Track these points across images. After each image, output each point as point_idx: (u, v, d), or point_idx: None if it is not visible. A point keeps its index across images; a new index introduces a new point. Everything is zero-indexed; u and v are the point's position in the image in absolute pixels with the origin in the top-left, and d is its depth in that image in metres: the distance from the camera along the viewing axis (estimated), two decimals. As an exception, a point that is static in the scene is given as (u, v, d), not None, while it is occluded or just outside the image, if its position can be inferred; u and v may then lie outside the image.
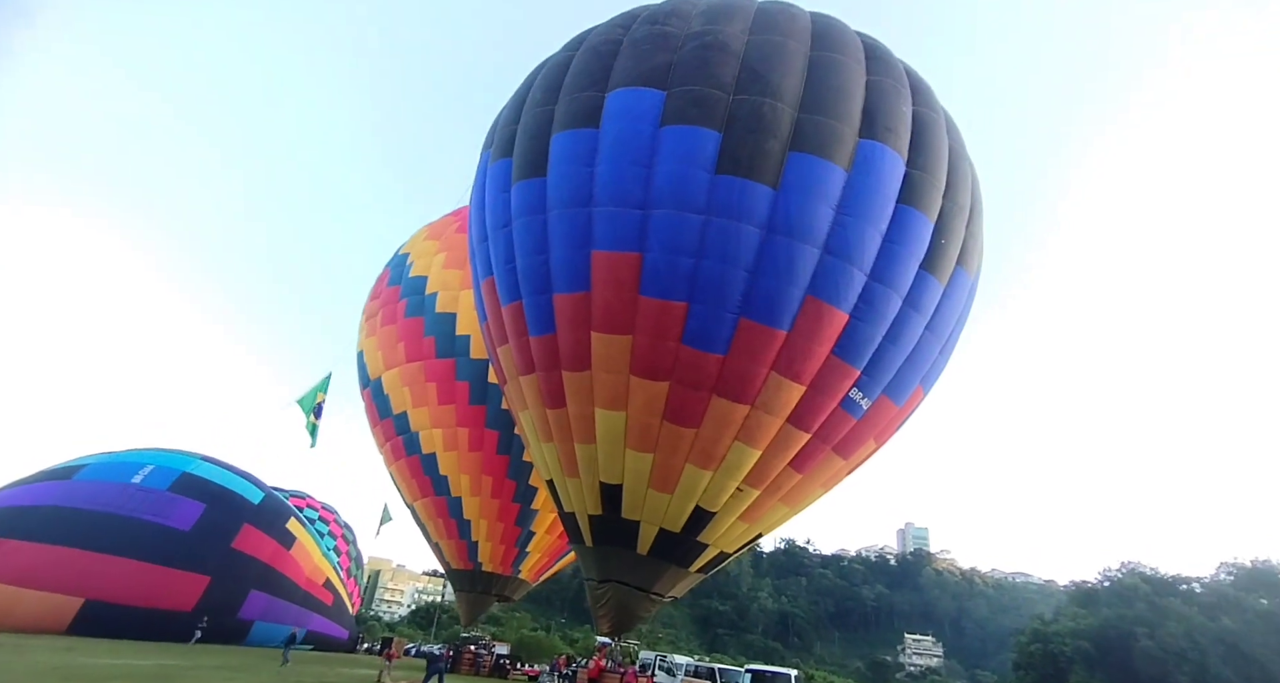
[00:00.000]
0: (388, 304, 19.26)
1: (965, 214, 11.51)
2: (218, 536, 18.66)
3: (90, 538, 17.04)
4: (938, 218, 10.86)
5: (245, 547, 19.66)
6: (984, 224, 12.74)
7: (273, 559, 19.90)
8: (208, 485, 19.89)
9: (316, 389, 14.13)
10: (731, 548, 11.95)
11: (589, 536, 11.62)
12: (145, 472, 20.14)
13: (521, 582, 19.25)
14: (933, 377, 12.02)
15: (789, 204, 9.90)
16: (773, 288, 9.89)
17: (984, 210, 12.78)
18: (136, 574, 17.11)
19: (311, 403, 14.02)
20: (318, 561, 22.13)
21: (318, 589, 21.51)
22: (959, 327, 12.06)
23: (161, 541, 17.98)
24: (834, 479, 12.01)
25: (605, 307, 10.27)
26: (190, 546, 18.00)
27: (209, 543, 18.24)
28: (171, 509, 18.90)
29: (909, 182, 10.58)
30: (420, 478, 18.06)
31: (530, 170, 10.90)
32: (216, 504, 19.25)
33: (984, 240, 12.82)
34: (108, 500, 18.68)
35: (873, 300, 10.24)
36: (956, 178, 11.35)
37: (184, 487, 19.72)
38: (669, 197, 9.94)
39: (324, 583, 22.09)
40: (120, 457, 20.94)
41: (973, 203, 11.86)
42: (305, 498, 35.87)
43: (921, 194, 10.65)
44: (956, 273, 11.33)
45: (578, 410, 10.92)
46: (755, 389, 10.10)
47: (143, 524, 18.19)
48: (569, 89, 10.92)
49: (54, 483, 19.11)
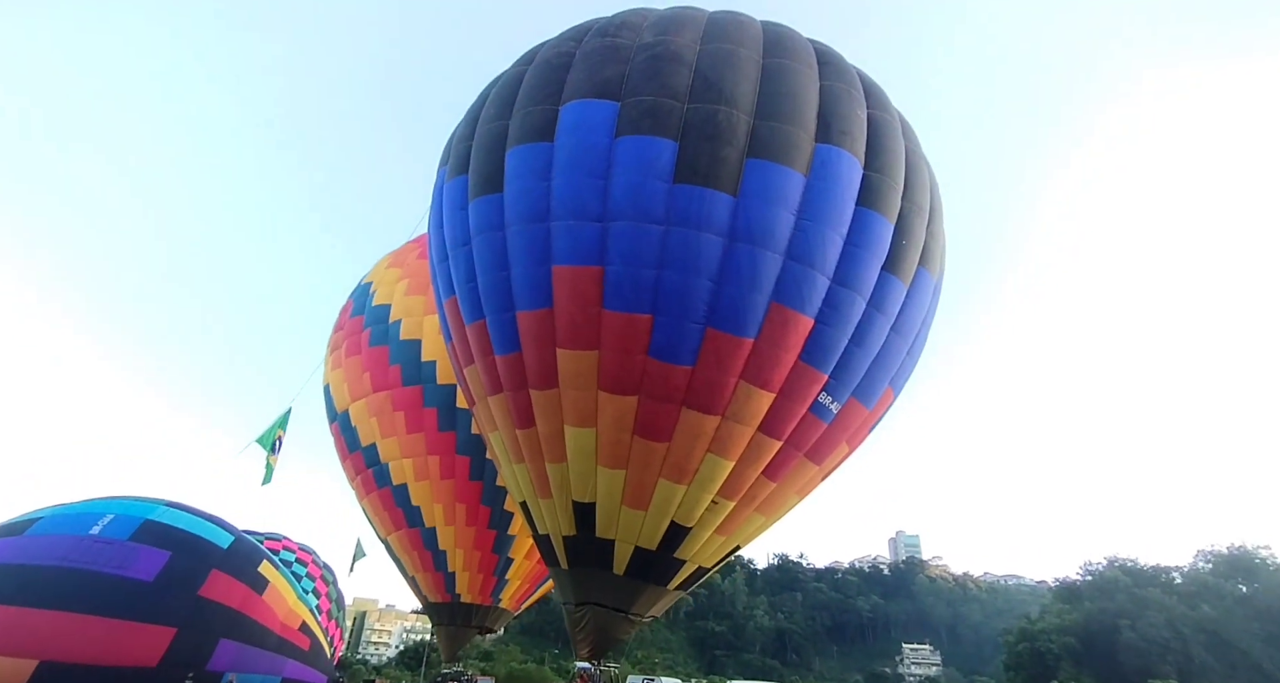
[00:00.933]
0: (352, 335, 18.97)
1: (925, 215, 11.68)
2: (183, 584, 17.54)
3: (45, 596, 15.85)
4: (898, 219, 11.01)
5: (213, 594, 18.53)
6: (944, 225, 12.90)
7: (243, 605, 18.78)
8: (172, 532, 18.84)
9: (276, 425, 13.63)
10: (710, 563, 11.76)
11: (564, 558, 11.34)
12: (105, 521, 19.05)
13: (502, 611, 18.74)
14: (902, 378, 12.06)
15: (749, 211, 9.94)
16: (737, 296, 9.89)
17: (944, 211, 12.93)
18: (96, 630, 15.89)
19: (271, 440, 13.51)
20: (292, 604, 21.02)
21: (293, 634, 20.39)
22: (925, 327, 12.15)
23: (123, 593, 16.80)
24: (809, 486, 11.96)
25: (569, 322, 10.16)
26: (154, 597, 16.87)
27: (174, 593, 17.11)
28: (133, 559, 17.75)
29: (867, 184, 10.71)
30: (393, 511, 17.59)
31: (487, 186, 10.84)
32: (182, 551, 18.21)
33: (945, 241, 12.96)
34: (64, 554, 17.55)
35: (837, 304, 10.28)
36: (914, 179, 11.54)
37: (147, 535, 18.65)
38: (628, 208, 9.93)
39: (299, 627, 20.97)
40: (77, 507, 19.82)
41: (932, 204, 12.05)
42: (281, 540, 34.66)
43: (880, 196, 10.78)
44: (919, 273, 11.46)
45: (547, 429, 10.74)
46: (725, 399, 10.01)
47: (102, 577, 17.01)
48: (522, 103, 10.93)
49: (6, 540, 18.03)
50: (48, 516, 18.26)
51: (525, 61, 11.93)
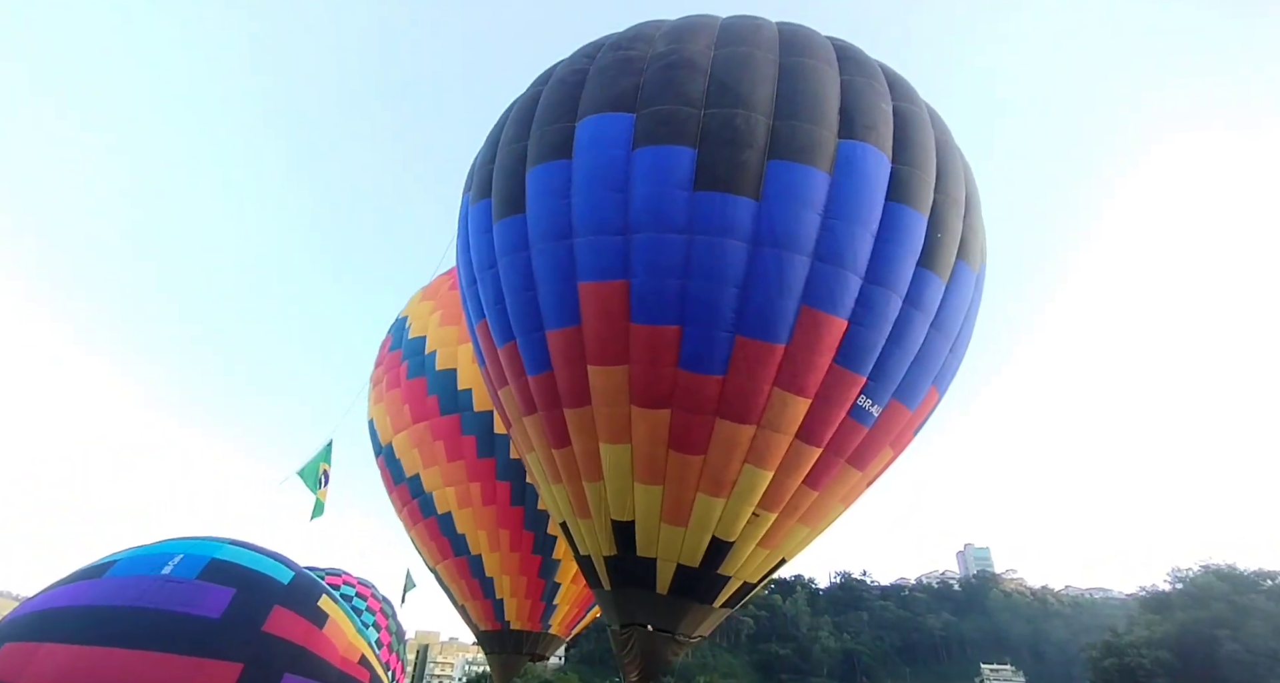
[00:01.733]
0: (391, 369, 19.47)
1: (960, 206, 11.34)
2: (248, 620, 18.17)
3: (122, 635, 16.60)
4: (931, 212, 10.73)
5: (276, 629, 19.05)
6: (982, 216, 12.46)
7: (305, 640, 19.32)
8: (236, 570, 19.64)
9: (318, 459, 13.99)
10: (755, 578, 11.47)
11: (606, 578, 11.27)
12: (175, 561, 20.01)
13: (553, 637, 18.65)
14: (946, 377, 11.65)
15: (772, 214, 9.85)
16: (765, 301, 9.78)
17: (981, 201, 12.53)
18: (170, 667, 16.55)
19: (314, 473, 13.87)
20: (351, 638, 21.50)
21: (353, 668, 20.81)
22: (968, 322, 11.71)
23: (192, 630, 17.46)
24: (853, 493, 11.60)
25: (597, 338, 10.22)
26: (221, 633, 17.50)
27: (240, 629, 17.73)
28: (201, 597, 18.51)
29: (896, 178, 10.48)
30: (439, 540, 17.84)
31: (509, 208, 11.05)
32: (245, 588, 18.91)
33: (985, 232, 12.52)
34: (138, 595, 18.38)
35: (871, 303, 10.02)
36: (947, 170, 11.24)
37: (213, 573, 19.47)
38: (648, 219, 9.97)
39: (359, 660, 21.37)
40: (150, 549, 20.98)
41: (968, 194, 11.71)
42: (341, 575, 35.70)
43: (911, 189, 10.53)
44: (958, 267, 11.11)
45: (582, 447, 10.76)
46: (759, 408, 9.84)
47: (173, 616, 17.70)
48: (539, 122, 11.18)
49: (87, 582, 18.99)
50: (124, 558, 19.39)
51: (541, 81, 12.21)
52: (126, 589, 18.06)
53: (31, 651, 17.26)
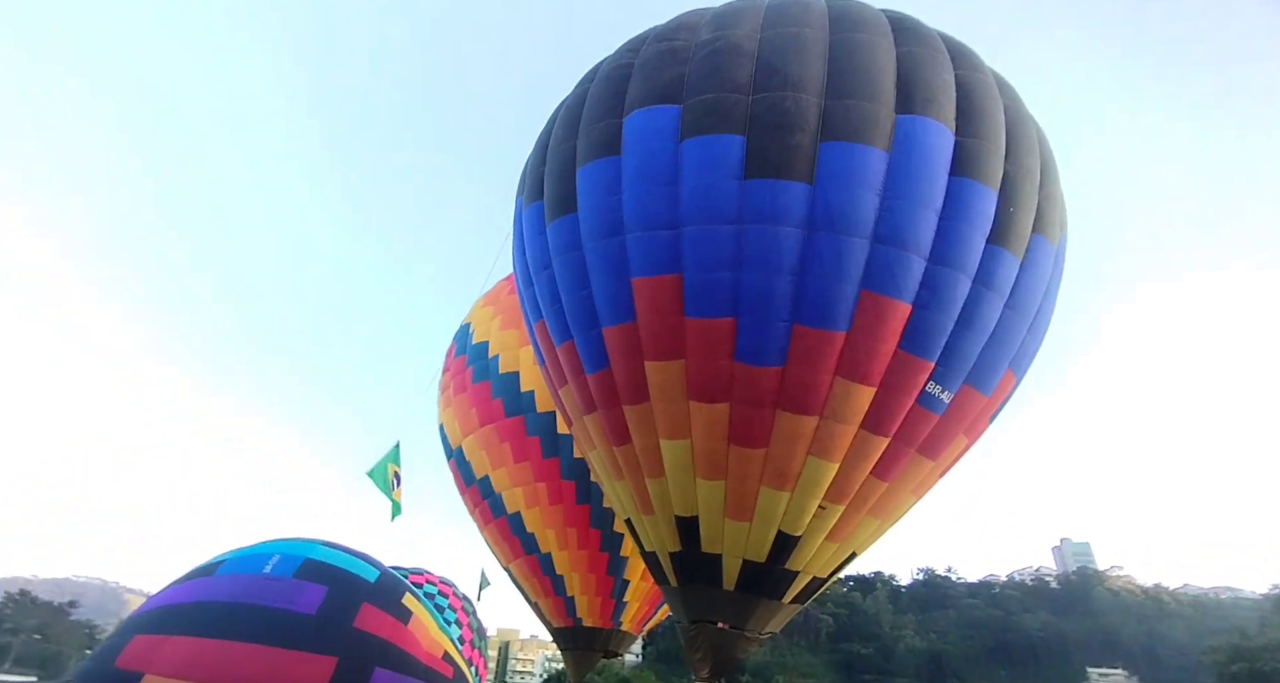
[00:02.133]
0: (457, 374, 20.23)
1: (1034, 177, 10.72)
2: (340, 617, 19.65)
3: (232, 628, 18.34)
4: (1001, 185, 10.16)
5: (366, 625, 20.43)
6: (1061, 186, 11.70)
7: (392, 636, 20.65)
8: (328, 569, 21.26)
9: (386, 460, 14.69)
10: (825, 572, 11.25)
11: (672, 575, 11.33)
12: (274, 561, 21.87)
13: (625, 634, 18.91)
14: (1024, 359, 11.03)
15: (827, 197, 9.60)
16: (822, 288, 9.55)
17: (1059, 171, 11.75)
18: (272, 660, 18.12)
19: (384, 475, 14.59)
20: (435, 634, 22.73)
21: (437, 663, 22.00)
22: (1048, 301, 11.05)
23: (290, 626, 19.03)
24: (925, 484, 11.20)
25: (652, 334, 10.26)
26: (316, 628, 19.01)
27: (333, 624, 19.22)
28: (297, 595, 20.14)
29: (961, 152, 10.00)
30: (510, 539, 18.45)
31: (561, 208, 11.25)
32: (337, 586, 20.46)
33: (1064, 203, 11.75)
34: (243, 592, 20.24)
35: (936, 285, 9.62)
36: (1018, 140, 10.63)
37: (308, 572, 21.16)
38: (698, 211, 9.91)
39: (443, 656, 22.53)
40: (252, 550, 23.07)
41: (1043, 164, 11.04)
42: (424, 574, 37.64)
43: (978, 163, 10.03)
44: (1035, 242, 10.50)
45: (642, 444, 10.86)
46: (821, 398, 9.62)
47: (274, 611, 19.35)
48: (586, 121, 11.31)
49: (200, 580, 21.09)
50: (230, 558, 21.36)
51: (587, 80, 12.34)
52: (233, 587, 19.96)
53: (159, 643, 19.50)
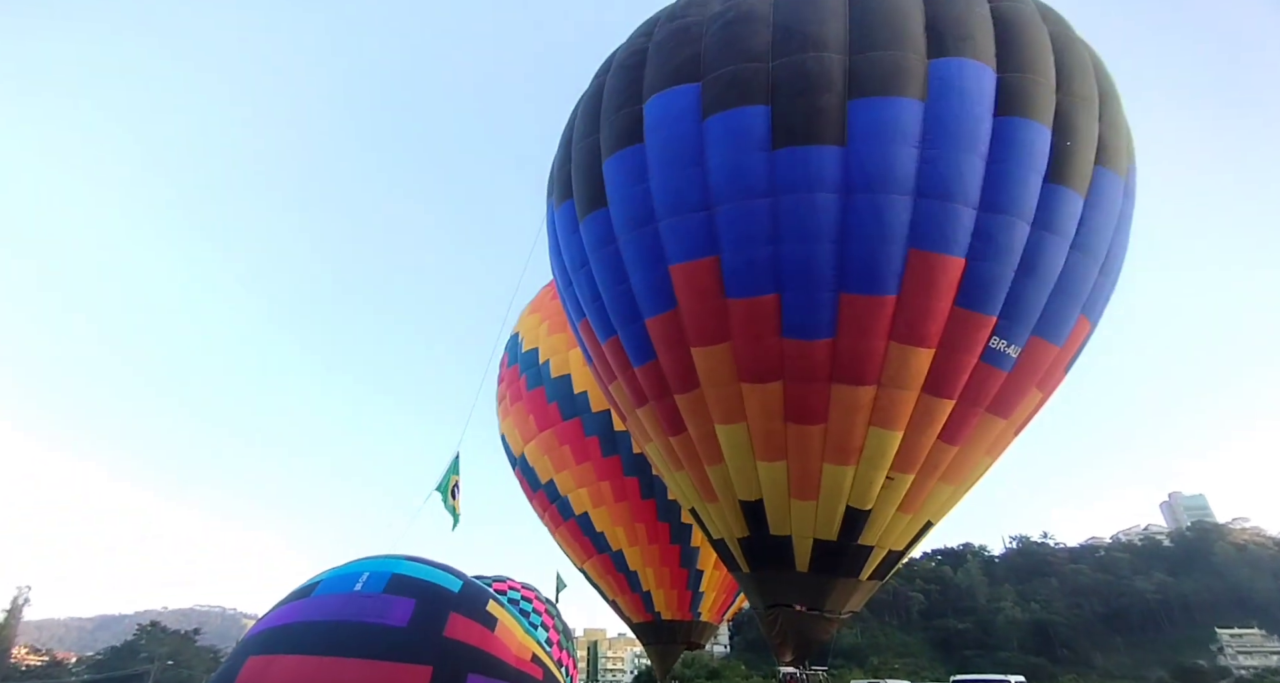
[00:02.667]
0: (512, 384, 20.84)
1: (1092, 105, 10.05)
2: (430, 627, 21.09)
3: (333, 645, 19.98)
4: (1055, 118, 9.56)
5: (455, 634, 21.83)
6: (1124, 111, 10.91)
7: (481, 642, 21.94)
8: (414, 582, 22.74)
9: (449, 473, 15.24)
10: (901, 545, 10.97)
11: (743, 561, 11.27)
12: (363, 579, 23.45)
13: (705, 625, 19.05)
14: (1097, 303, 10.38)
15: (861, 156, 9.28)
16: (866, 253, 9.26)
17: (1120, 96, 10.97)
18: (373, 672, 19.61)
19: (447, 487, 15.15)
20: (521, 638, 23.59)
21: (527, 665, 22.95)
22: (1120, 238, 10.36)
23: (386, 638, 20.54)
24: (999, 444, 10.72)
25: (695, 319, 10.21)
26: (409, 639, 20.45)
27: (424, 635, 20.62)
28: (388, 609, 21.68)
29: (1005, 89, 9.47)
30: (581, 540, 18.88)
31: (592, 204, 11.28)
32: (424, 598, 21.91)
33: (1130, 129, 10.98)
34: (339, 610, 21.97)
35: (991, 234, 9.18)
36: (1070, 67, 9.98)
37: (396, 586, 22.69)
38: (729, 189, 9.76)
39: (531, 658, 23.39)
40: (343, 569, 24.87)
41: (1101, 90, 10.33)
42: (506, 581, 39.16)
43: (1025, 98, 9.48)
44: (1099, 175, 9.85)
45: (698, 432, 10.84)
46: (876, 366, 9.36)
47: (369, 626, 20.92)
48: (606, 112, 11.30)
49: (300, 602, 22.98)
50: (324, 579, 23.11)
51: (603, 71, 12.30)
52: (330, 605, 21.80)
53: (270, 662, 21.69)
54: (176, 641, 65.27)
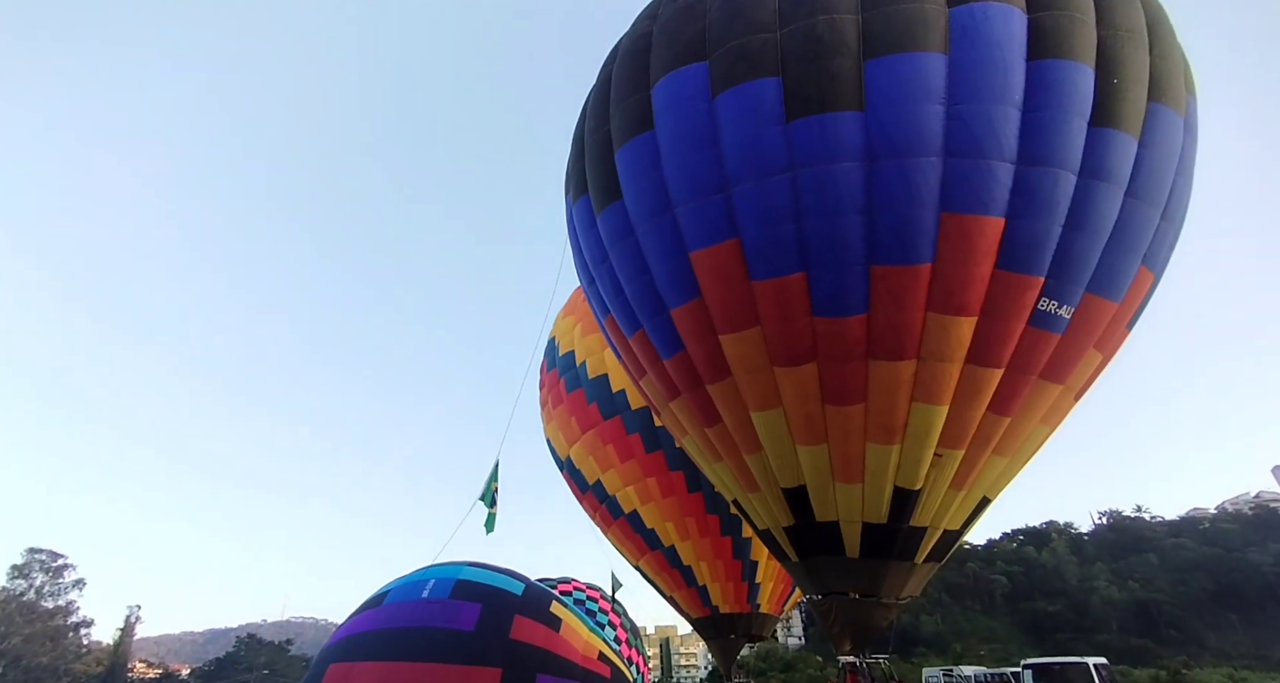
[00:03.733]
0: (553, 388, 21.20)
1: (1139, 37, 9.38)
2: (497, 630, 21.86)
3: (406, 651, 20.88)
4: (1097, 56, 8.96)
5: (521, 636, 22.50)
6: (1178, 38, 10.14)
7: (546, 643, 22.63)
8: (479, 587, 23.63)
9: (490, 480, 15.57)
10: (957, 524, 10.55)
11: (790, 550, 11.10)
12: (430, 586, 24.42)
13: (765, 616, 18.88)
14: (1161, 251, 9.68)
15: (883, 119, 8.90)
16: (895, 221, 8.90)
17: (1172, 23, 10.20)
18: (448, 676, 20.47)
19: (490, 495, 15.48)
20: (586, 637, 24.15)
21: (594, 664, 23.49)
22: (1183, 180, 9.65)
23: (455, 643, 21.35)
24: (1058, 411, 10.18)
25: (722, 306, 10.07)
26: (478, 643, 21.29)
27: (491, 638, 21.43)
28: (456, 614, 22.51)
29: (1038, 29, 8.94)
30: (633, 538, 19.06)
31: (607, 197, 11.25)
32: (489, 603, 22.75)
33: (1186, 58, 10.19)
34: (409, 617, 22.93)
35: (1032, 190, 8.69)
36: None
37: (461, 592, 23.59)
38: (744, 168, 9.54)
39: (598, 656, 23.88)
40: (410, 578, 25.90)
41: (1149, 19, 9.66)
42: (571, 582, 40.10)
43: (1061, 37, 8.90)
44: (1154, 112, 9.19)
45: (733, 421, 10.72)
46: (915, 339, 9.03)
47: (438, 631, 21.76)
48: (616, 101, 11.24)
49: (372, 611, 24.01)
50: (393, 587, 24.25)
51: (610, 60, 12.24)
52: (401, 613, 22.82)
53: (349, 669, 22.86)
54: (272, 651, 70.74)
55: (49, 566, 51.08)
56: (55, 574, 51.12)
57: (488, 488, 14.98)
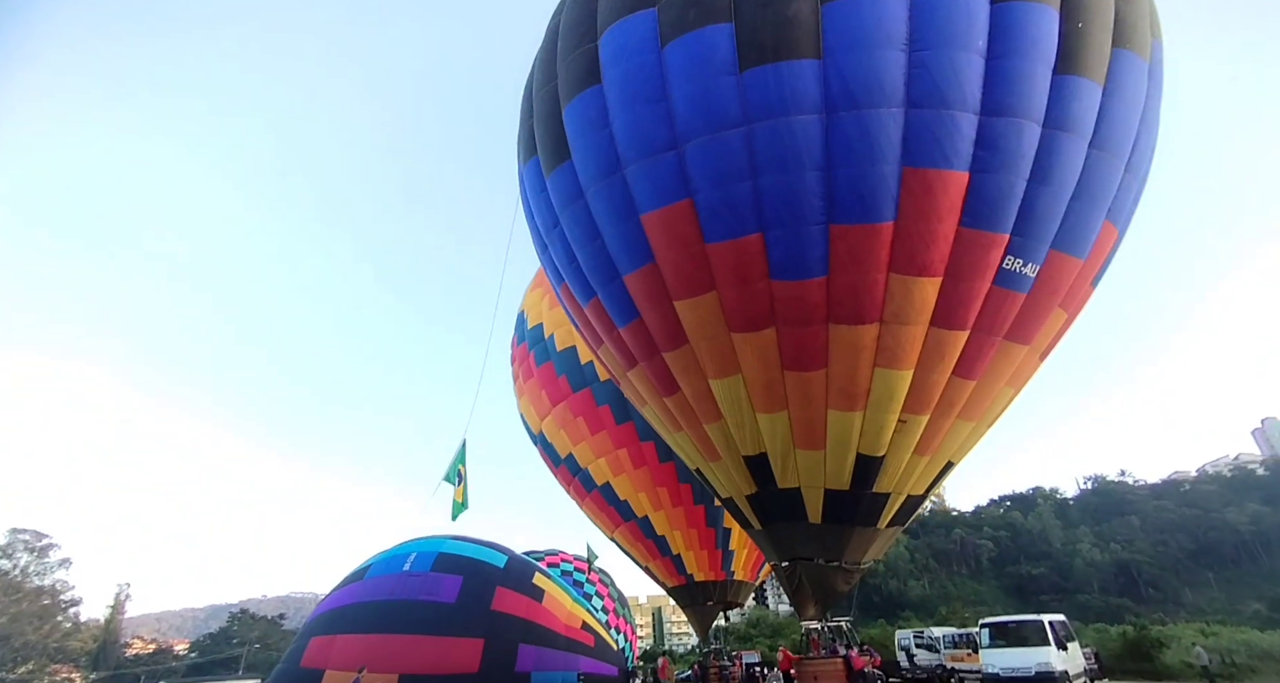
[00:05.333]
0: (523, 362, 20.96)
1: None
2: (478, 602, 21.93)
3: (387, 623, 20.86)
4: None
5: (503, 607, 22.53)
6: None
7: (529, 614, 22.67)
8: (461, 560, 23.52)
9: (456, 461, 15.28)
10: (920, 489, 10.54)
11: (754, 518, 11.09)
12: (411, 559, 24.25)
13: (740, 583, 19.13)
14: (1125, 206, 9.46)
15: (841, 68, 8.48)
16: (856, 177, 8.55)
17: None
18: (429, 647, 20.53)
19: (455, 476, 15.20)
20: (570, 607, 24.32)
21: (577, 633, 23.63)
22: (1148, 129, 9.37)
23: (436, 614, 21.32)
24: (1023, 372, 10.09)
25: (675, 270, 9.72)
26: (460, 614, 21.32)
27: (473, 610, 21.50)
28: (437, 587, 22.49)
29: None
30: (607, 510, 19.06)
31: (556, 157, 10.77)
32: (471, 575, 22.75)
33: (1154, 3, 9.81)
34: (391, 590, 22.76)
35: (995, 142, 8.39)
36: None
37: (443, 565, 23.47)
38: (697, 122, 9.08)
39: (581, 626, 24.09)
40: (392, 552, 25.61)
41: None
42: (559, 554, 40.14)
43: None
44: (1118, 58, 8.88)
45: (692, 390, 10.51)
46: (877, 302, 8.77)
47: (420, 604, 21.71)
48: (563, 53, 10.69)
49: (354, 585, 23.75)
50: (375, 561, 23.85)
51: (559, 10, 11.64)
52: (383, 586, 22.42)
53: (330, 642, 22.28)
54: (265, 625, 71.65)
55: (33, 545, 50.92)
56: (40, 554, 50.98)
57: (453, 468, 14.68)
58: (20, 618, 47.35)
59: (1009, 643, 15.22)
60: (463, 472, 14.82)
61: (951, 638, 22.10)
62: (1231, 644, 26.15)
